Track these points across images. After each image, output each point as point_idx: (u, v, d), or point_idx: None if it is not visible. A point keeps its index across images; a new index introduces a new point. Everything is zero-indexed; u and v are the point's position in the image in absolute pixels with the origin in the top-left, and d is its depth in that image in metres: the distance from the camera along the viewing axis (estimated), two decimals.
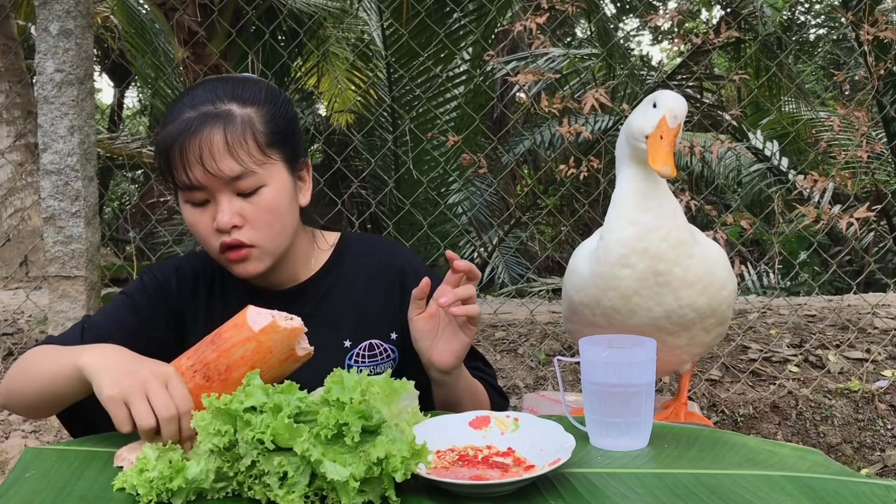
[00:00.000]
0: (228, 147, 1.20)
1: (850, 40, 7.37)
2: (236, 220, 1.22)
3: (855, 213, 3.00)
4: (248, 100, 1.25)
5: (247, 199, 1.23)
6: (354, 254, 1.40)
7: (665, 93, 1.37)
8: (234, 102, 1.24)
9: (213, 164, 1.19)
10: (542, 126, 6.52)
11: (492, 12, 4.69)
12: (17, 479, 1.01)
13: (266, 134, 1.24)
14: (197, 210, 1.24)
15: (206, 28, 4.53)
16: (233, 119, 1.22)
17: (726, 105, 7.49)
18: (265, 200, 1.23)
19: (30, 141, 5.07)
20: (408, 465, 0.89)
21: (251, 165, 1.21)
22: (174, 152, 1.20)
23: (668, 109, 1.34)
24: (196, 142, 1.19)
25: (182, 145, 1.20)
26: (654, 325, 1.40)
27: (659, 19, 5.27)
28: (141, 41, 5.90)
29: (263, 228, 1.24)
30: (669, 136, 1.32)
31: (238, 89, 1.26)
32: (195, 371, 1.11)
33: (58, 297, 2.88)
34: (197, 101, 1.23)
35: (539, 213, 6.80)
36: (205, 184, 1.21)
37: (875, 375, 2.98)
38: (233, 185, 1.21)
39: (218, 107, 1.22)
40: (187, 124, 1.21)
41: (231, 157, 1.20)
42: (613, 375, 1.07)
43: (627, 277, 1.37)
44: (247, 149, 1.21)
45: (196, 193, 1.22)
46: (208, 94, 1.24)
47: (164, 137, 1.22)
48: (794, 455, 1.05)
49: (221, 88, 1.25)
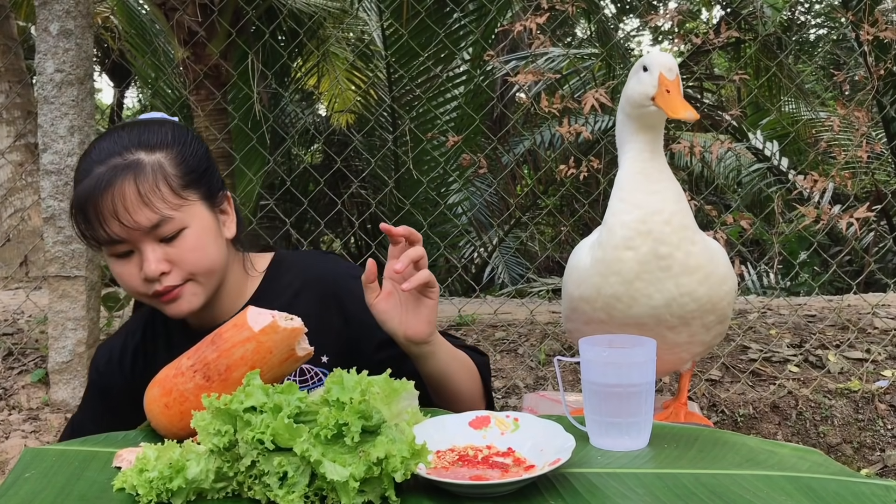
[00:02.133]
0: (142, 197, 1.19)
1: (850, 40, 7.37)
2: (163, 266, 1.22)
3: (855, 213, 3.00)
4: (155, 145, 1.24)
5: (170, 244, 1.22)
6: (286, 276, 1.38)
7: (650, 55, 1.41)
8: (142, 150, 1.22)
9: (128, 218, 1.19)
10: (542, 126, 6.52)
11: (492, 12, 4.70)
12: (17, 479, 1.01)
13: (178, 176, 1.23)
14: (122, 262, 1.24)
15: (206, 28, 4.52)
16: (142, 168, 1.21)
17: (726, 105, 7.49)
18: (189, 242, 1.23)
19: (30, 141, 5.07)
20: (408, 465, 0.89)
21: (167, 212, 1.21)
22: (89, 210, 1.20)
23: (661, 65, 1.37)
24: (108, 197, 1.19)
25: (95, 202, 1.19)
26: (654, 315, 1.40)
27: (659, 19, 5.27)
28: (141, 41, 5.90)
29: (191, 268, 1.24)
30: (675, 87, 1.36)
31: (143, 135, 1.25)
32: (195, 371, 1.11)
33: (58, 297, 2.88)
34: (104, 154, 1.22)
35: (539, 213, 6.80)
36: (124, 237, 1.21)
37: (875, 375, 2.98)
38: (153, 234, 1.21)
39: (126, 157, 1.21)
40: (98, 180, 1.20)
41: (146, 207, 1.20)
42: (613, 375, 1.07)
43: (630, 260, 1.37)
44: (161, 195, 1.21)
45: (118, 247, 1.22)
46: (114, 144, 1.23)
47: (77, 196, 1.22)
48: (794, 455, 1.05)
49: (127, 137, 1.24)
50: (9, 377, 3.10)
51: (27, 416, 2.91)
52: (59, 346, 2.89)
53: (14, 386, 3.05)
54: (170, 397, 1.12)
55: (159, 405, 1.13)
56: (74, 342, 2.89)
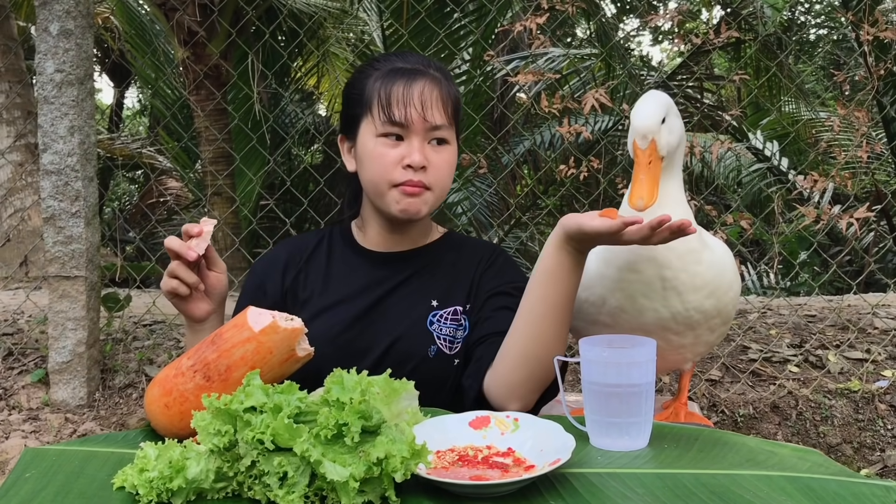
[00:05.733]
0: (441, 100, 1.39)
1: (850, 40, 7.37)
2: (426, 162, 1.37)
3: (855, 213, 3.00)
4: (446, 74, 1.45)
5: (434, 149, 1.39)
6: (460, 239, 1.57)
7: (633, 110, 1.30)
8: (439, 72, 1.43)
9: (429, 110, 1.37)
10: (542, 126, 6.51)
11: (492, 12, 4.70)
12: (17, 479, 1.01)
13: (453, 106, 1.42)
14: (389, 145, 1.38)
15: (206, 28, 4.52)
16: (440, 82, 1.41)
17: (726, 105, 7.49)
18: (445, 156, 1.41)
19: (30, 141, 5.07)
20: (408, 465, 0.89)
21: (448, 122, 1.40)
22: (398, 89, 1.37)
23: (633, 131, 1.27)
24: (420, 87, 1.38)
25: (408, 86, 1.37)
26: (660, 324, 1.40)
27: (659, 19, 5.27)
28: (141, 41, 5.90)
29: (441, 177, 1.40)
30: (643, 158, 1.24)
31: (436, 64, 1.46)
32: (195, 371, 1.11)
33: (58, 297, 2.88)
34: (409, 60, 1.43)
35: (539, 214, 6.79)
36: (411, 124, 1.37)
37: (875, 375, 2.98)
38: (429, 133, 1.38)
39: (428, 70, 1.41)
40: (411, 72, 1.39)
41: (440, 110, 1.39)
42: (613, 375, 1.07)
43: (635, 281, 1.36)
44: (448, 109, 1.40)
45: (396, 128, 1.37)
46: (417, 58, 1.44)
47: (389, 74, 1.39)
48: (794, 455, 1.05)
49: (424, 58, 1.45)
50: (9, 377, 3.10)
51: (27, 416, 2.91)
52: (59, 346, 2.89)
53: (14, 386, 3.05)
54: (170, 397, 1.12)
55: (159, 405, 1.13)
56: (74, 342, 2.89)
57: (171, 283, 1.30)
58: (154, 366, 3.14)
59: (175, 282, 1.30)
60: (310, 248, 1.53)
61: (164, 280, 1.31)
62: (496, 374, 1.33)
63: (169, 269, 1.30)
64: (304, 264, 1.51)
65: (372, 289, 1.45)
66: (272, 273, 1.50)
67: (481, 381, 1.35)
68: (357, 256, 1.50)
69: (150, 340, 3.31)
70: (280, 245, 1.59)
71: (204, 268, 1.34)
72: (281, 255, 1.52)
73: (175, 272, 1.30)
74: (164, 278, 1.32)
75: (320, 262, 1.51)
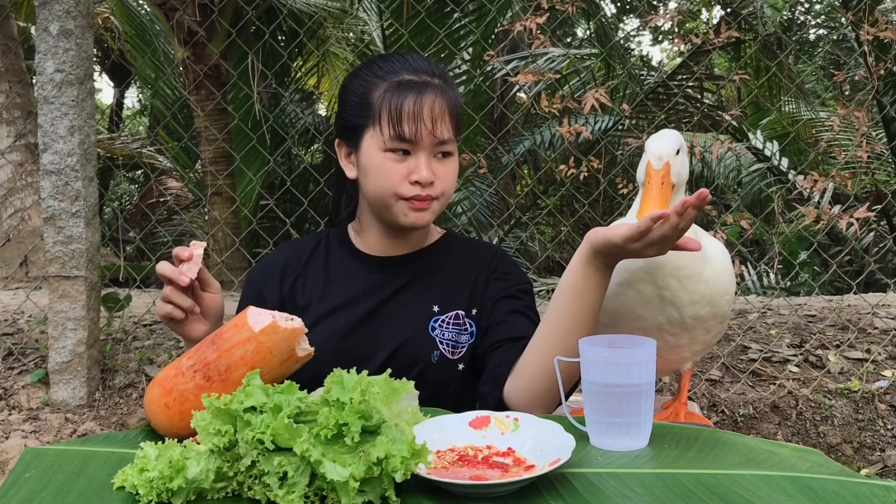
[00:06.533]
0: (448, 114, 1.38)
1: (850, 40, 7.37)
2: (433, 178, 1.37)
3: (855, 213, 3.00)
4: (449, 81, 1.42)
5: (440, 162, 1.39)
6: (459, 240, 1.57)
7: (652, 137, 1.34)
8: (442, 80, 1.40)
9: (438, 126, 1.36)
10: (542, 126, 6.51)
11: (492, 12, 4.70)
12: (17, 479, 1.01)
13: (457, 116, 1.41)
14: (396, 161, 1.36)
15: (206, 28, 4.52)
16: (446, 93, 1.39)
17: (726, 105, 7.48)
18: (450, 167, 1.41)
19: (30, 141, 5.07)
20: (408, 465, 0.89)
21: (453, 135, 1.40)
22: (408, 104, 1.35)
23: (651, 152, 1.29)
24: (429, 102, 1.35)
25: (418, 101, 1.35)
26: (657, 328, 1.42)
27: (659, 19, 5.27)
28: (141, 41, 5.90)
29: (446, 187, 1.40)
30: (656, 178, 1.28)
31: (438, 69, 1.42)
32: (195, 371, 1.11)
33: (58, 297, 2.88)
34: (414, 69, 1.39)
35: (539, 213, 6.80)
36: (420, 140, 1.35)
37: (875, 375, 2.98)
38: (435, 147, 1.37)
39: (433, 79, 1.39)
40: (420, 86, 1.36)
41: (447, 124, 1.37)
42: (613, 375, 1.07)
43: (633, 296, 1.38)
44: (453, 121, 1.39)
45: (403, 144, 1.36)
46: (424, 64, 1.41)
47: (398, 88, 1.36)
48: (794, 455, 1.05)
49: (427, 64, 1.42)
50: (9, 377, 3.10)
51: (27, 416, 2.91)
52: (59, 346, 2.89)
53: (14, 386, 3.05)
54: (170, 397, 1.12)
55: (159, 405, 1.13)
56: (74, 342, 2.89)
57: (165, 308, 1.29)
58: (154, 366, 3.14)
59: (170, 307, 1.29)
60: (307, 252, 1.52)
61: (159, 304, 1.30)
62: (519, 383, 1.33)
63: (162, 294, 1.29)
64: (302, 269, 1.50)
65: (371, 294, 1.45)
66: (270, 279, 1.49)
67: (501, 388, 1.35)
68: (355, 261, 1.49)
69: (150, 340, 3.31)
70: (276, 250, 1.58)
71: (198, 289, 1.33)
72: (278, 261, 1.51)
73: (169, 297, 1.28)
74: (158, 303, 1.31)
75: (318, 266, 1.50)
